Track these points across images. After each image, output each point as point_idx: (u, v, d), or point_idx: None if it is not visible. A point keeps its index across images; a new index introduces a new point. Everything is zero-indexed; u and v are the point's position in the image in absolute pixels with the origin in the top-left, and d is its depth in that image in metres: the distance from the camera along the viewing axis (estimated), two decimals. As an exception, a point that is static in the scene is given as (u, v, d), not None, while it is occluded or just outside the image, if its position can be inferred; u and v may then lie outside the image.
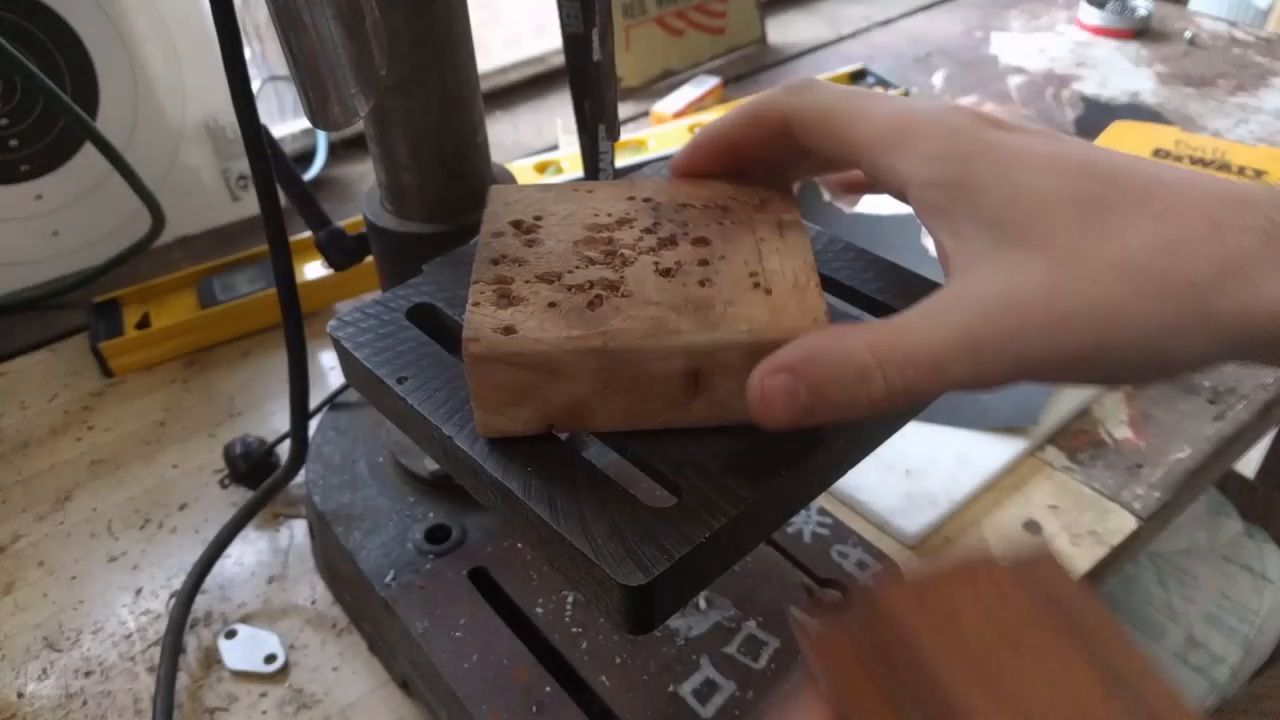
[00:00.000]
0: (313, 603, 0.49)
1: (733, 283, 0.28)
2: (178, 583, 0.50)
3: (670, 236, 0.30)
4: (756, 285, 0.28)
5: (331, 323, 0.33)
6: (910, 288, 0.32)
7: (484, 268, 0.29)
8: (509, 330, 0.26)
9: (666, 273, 0.29)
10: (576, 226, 0.31)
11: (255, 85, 0.79)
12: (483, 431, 0.28)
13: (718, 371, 0.27)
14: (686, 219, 0.31)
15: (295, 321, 0.44)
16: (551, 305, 0.27)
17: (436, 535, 0.46)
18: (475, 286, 0.28)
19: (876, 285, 0.33)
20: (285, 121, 0.85)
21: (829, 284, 0.33)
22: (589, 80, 0.39)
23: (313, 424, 0.53)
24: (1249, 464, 1.03)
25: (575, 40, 0.38)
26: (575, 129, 0.40)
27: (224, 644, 0.47)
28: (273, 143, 0.43)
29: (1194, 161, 0.74)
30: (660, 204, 0.32)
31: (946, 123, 0.26)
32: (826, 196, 0.74)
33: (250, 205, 0.77)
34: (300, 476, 0.52)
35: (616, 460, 0.28)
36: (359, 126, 0.40)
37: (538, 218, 0.31)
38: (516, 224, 0.31)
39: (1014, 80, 0.98)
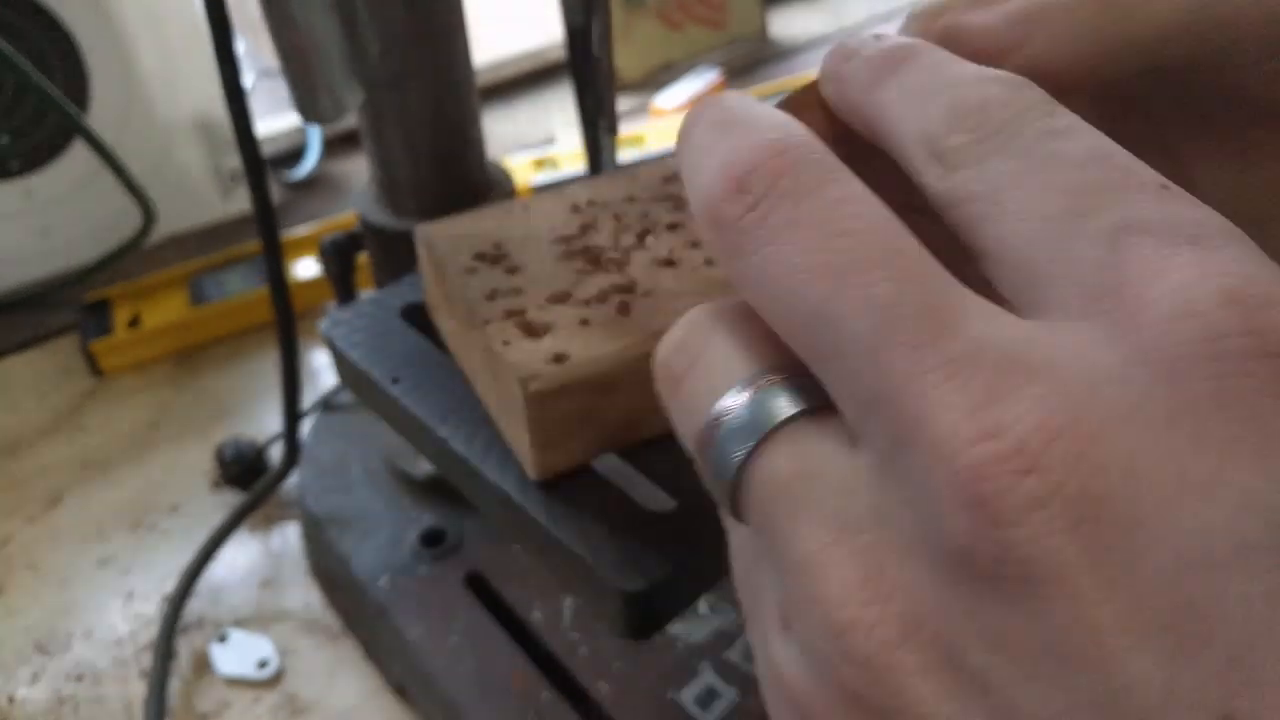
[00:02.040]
0: (306, 607, 0.49)
1: None
2: (169, 586, 0.50)
3: (643, 230, 0.30)
4: None
5: (324, 322, 0.32)
6: None
7: (484, 306, 0.27)
8: (560, 358, 0.25)
9: (669, 263, 0.28)
10: (543, 244, 0.30)
11: (248, 80, 0.78)
12: (543, 474, 0.26)
13: None
14: (645, 211, 0.31)
15: (287, 321, 0.43)
16: (584, 323, 0.26)
17: (432, 539, 0.45)
18: (492, 326, 0.26)
19: None
20: (278, 117, 0.84)
21: None
22: (589, 73, 0.38)
23: (305, 425, 0.53)
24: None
25: (577, 32, 0.37)
26: (572, 124, 0.40)
27: (216, 649, 0.46)
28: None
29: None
30: (604, 203, 0.31)
31: None
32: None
33: (242, 203, 0.76)
34: (293, 479, 0.51)
35: (615, 463, 0.27)
36: (353, 122, 0.39)
37: (497, 245, 0.30)
38: (481, 257, 0.29)
39: (1016, 75, 0.97)
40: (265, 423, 0.59)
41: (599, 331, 0.26)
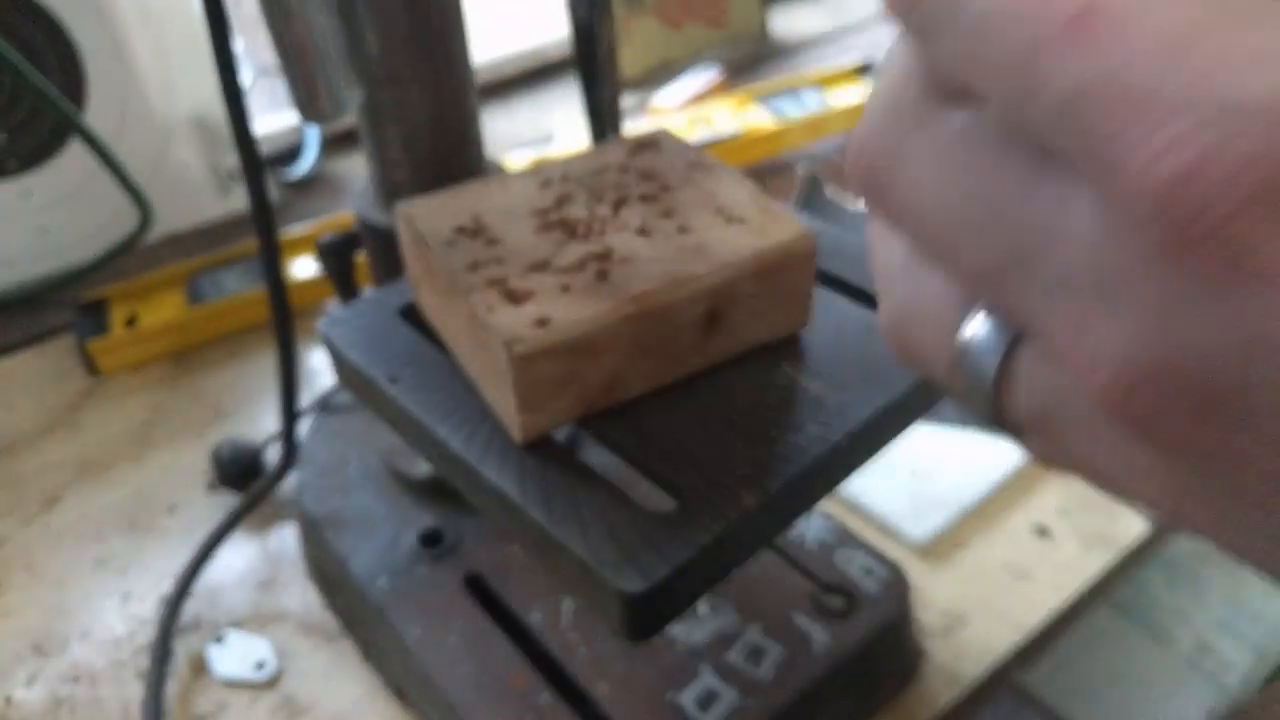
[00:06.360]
0: (304, 608, 0.48)
1: (707, 224, 0.30)
2: (166, 587, 0.49)
3: (617, 201, 0.31)
4: (729, 219, 0.30)
5: (322, 321, 0.32)
6: None
7: (467, 276, 0.28)
8: (543, 322, 0.26)
9: (643, 232, 0.29)
10: (522, 217, 0.31)
11: (246, 79, 0.77)
12: (527, 435, 0.27)
13: (731, 303, 0.28)
14: (620, 182, 0.32)
15: (285, 320, 0.43)
16: (565, 289, 0.27)
17: (430, 540, 0.45)
18: (475, 294, 0.27)
19: None
20: (277, 115, 0.84)
21: (838, 284, 0.33)
22: (596, 68, 0.38)
23: (303, 425, 0.52)
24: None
25: (583, 27, 0.37)
26: (570, 122, 0.40)
27: (213, 650, 0.46)
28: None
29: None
30: (577, 177, 0.32)
31: None
32: (829, 193, 0.73)
33: (240, 202, 0.76)
34: (291, 479, 0.51)
35: (615, 462, 0.27)
36: (352, 121, 0.39)
37: (476, 219, 0.30)
38: (461, 230, 0.30)
39: (1016, 74, 0.97)
40: (262, 423, 0.59)
41: (579, 297, 0.27)
